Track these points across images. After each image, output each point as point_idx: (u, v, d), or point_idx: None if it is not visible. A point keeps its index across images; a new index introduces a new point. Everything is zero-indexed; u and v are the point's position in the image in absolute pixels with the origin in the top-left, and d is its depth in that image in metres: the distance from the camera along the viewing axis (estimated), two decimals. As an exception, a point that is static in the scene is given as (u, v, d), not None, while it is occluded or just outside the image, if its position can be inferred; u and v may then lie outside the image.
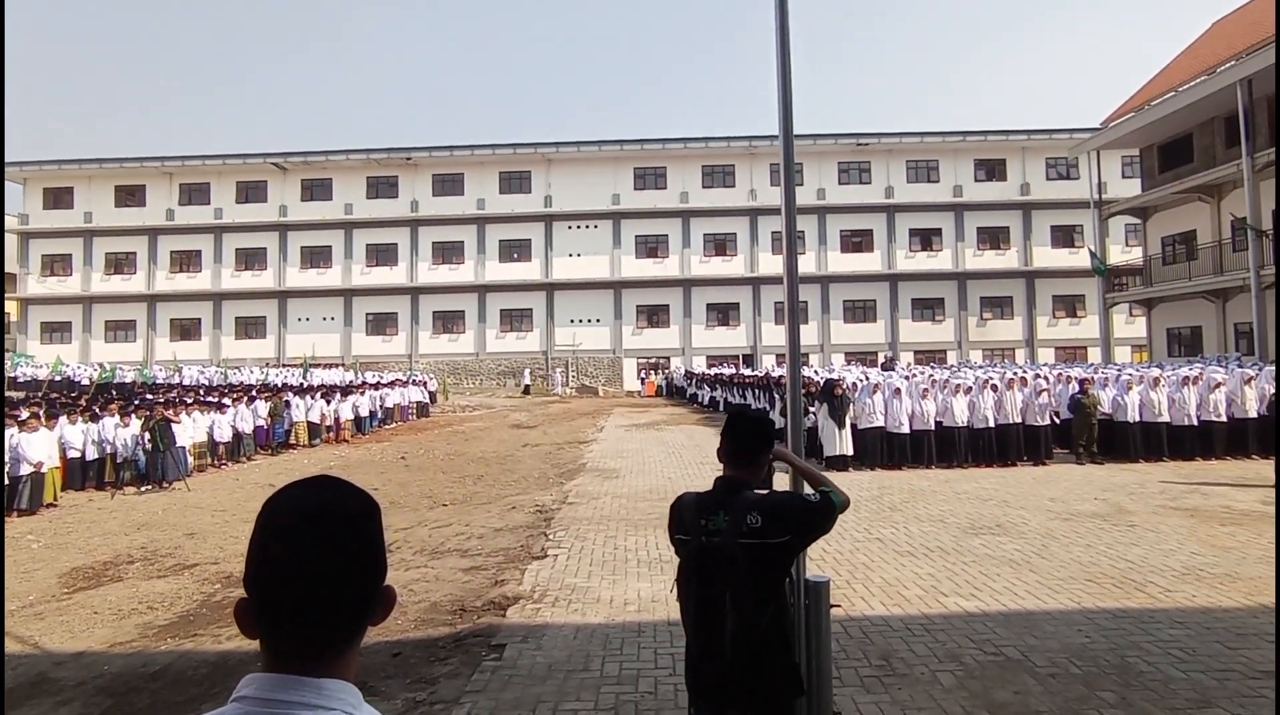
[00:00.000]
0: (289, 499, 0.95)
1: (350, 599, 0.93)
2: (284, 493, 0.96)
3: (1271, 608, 5.32)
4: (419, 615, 5.73)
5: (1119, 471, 11.70)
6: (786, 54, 3.84)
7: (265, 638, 0.92)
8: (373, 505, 0.99)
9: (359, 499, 0.98)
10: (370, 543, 0.96)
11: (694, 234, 42.44)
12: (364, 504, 0.98)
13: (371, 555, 0.96)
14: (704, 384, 29.43)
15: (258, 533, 0.93)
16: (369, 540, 0.96)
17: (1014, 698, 4.02)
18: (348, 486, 0.99)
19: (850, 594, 5.85)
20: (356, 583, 0.94)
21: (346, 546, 0.93)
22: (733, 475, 2.32)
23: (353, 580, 0.93)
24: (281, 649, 0.91)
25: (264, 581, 0.91)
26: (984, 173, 42.83)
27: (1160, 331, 31.35)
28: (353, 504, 0.97)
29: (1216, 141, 27.11)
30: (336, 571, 0.91)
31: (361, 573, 0.94)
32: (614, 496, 10.38)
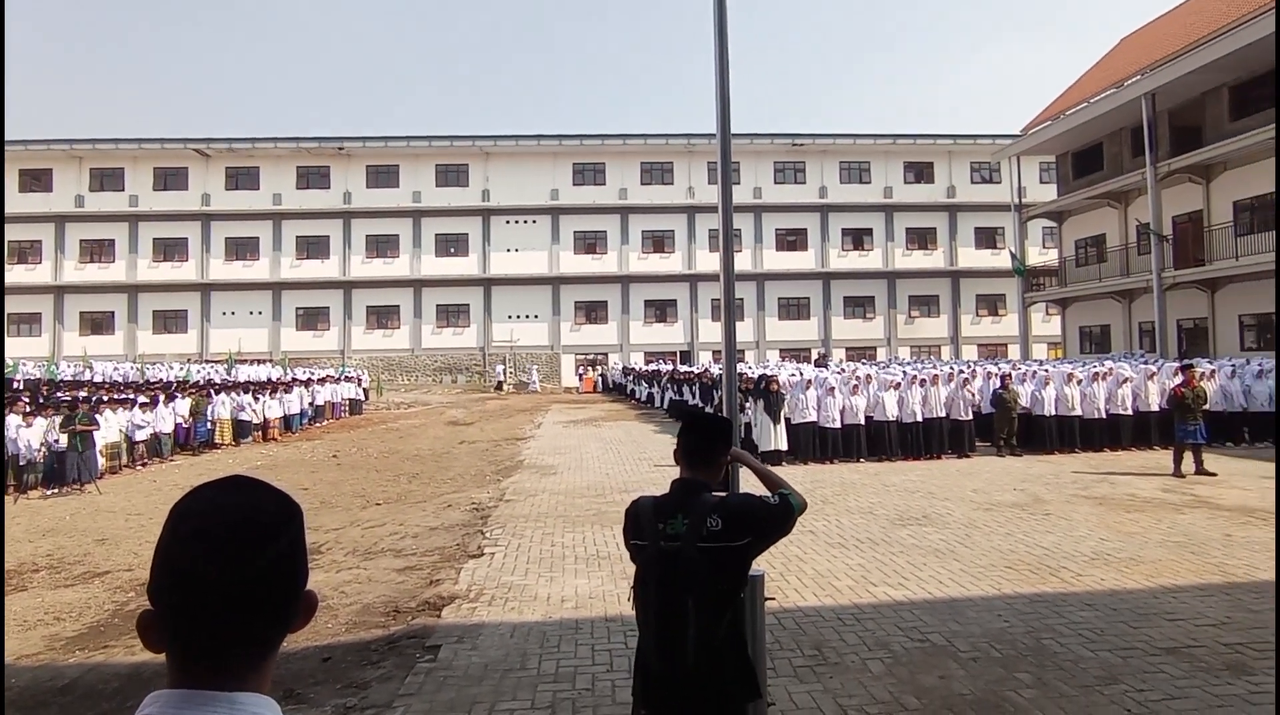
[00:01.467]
0: (199, 501, 0.88)
1: (266, 608, 0.86)
2: (194, 495, 0.89)
3: (1172, 588, 5.68)
4: (350, 618, 5.58)
5: (1036, 463, 12.29)
6: (725, 53, 3.89)
7: (172, 651, 0.86)
8: (292, 507, 0.92)
9: (277, 500, 0.91)
10: (289, 547, 0.89)
11: (632, 230, 42.54)
12: (282, 505, 0.91)
13: (290, 560, 0.89)
14: (641, 380, 29.54)
15: (164, 538, 0.86)
16: (288, 544, 0.89)
17: (939, 682, 4.18)
18: (264, 487, 0.92)
19: (784, 586, 5.98)
20: (273, 590, 0.87)
21: (262, 552, 0.86)
22: (691, 477, 2.29)
23: (269, 588, 0.86)
24: (190, 663, 0.85)
25: (171, 591, 0.84)
26: (913, 175, 44.28)
27: (1073, 329, 33.06)
28: (270, 505, 0.90)
29: (1124, 151, 28.71)
30: (251, 579, 0.84)
31: (279, 579, 0.88)
32: (551, 493, 10.33)
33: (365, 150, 41.63)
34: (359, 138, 41.40)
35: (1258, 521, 7.78)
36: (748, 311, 42.10)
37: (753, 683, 2.21)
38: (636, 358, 40.18)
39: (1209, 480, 10.20)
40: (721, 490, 2.36)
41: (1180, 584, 5.79)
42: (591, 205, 42.34)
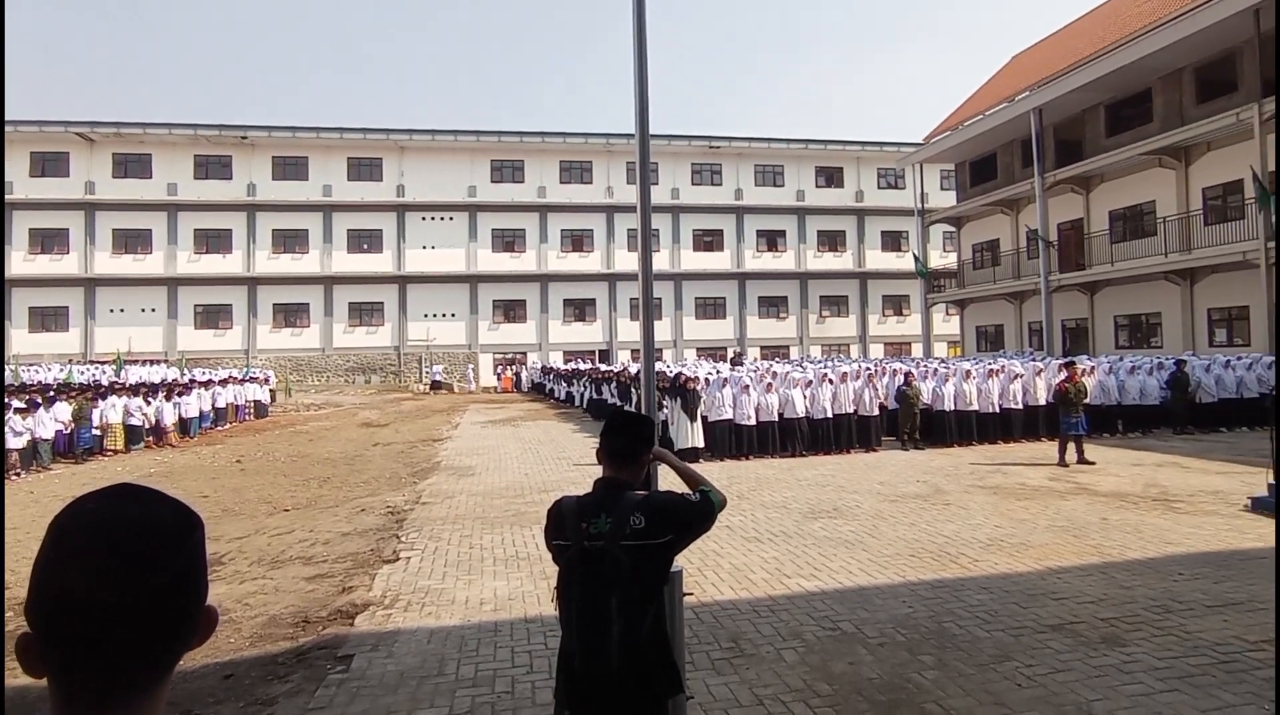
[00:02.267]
0: (83, 514, 0.80)
1: (161, 629, 0.79)
2: (76, 506, 0.81)
3: (1057, 569, 6.12)
4: (255, 631, 5.34)
5: (937, 456, 12.95)
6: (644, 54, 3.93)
7: (55, 678, 0.78)
8: (189, 517, 0.85)
9: (172, 510, 0.84)
10: (188, 562, 0.82)
11: (551, 229, 42.28)
12: (178, 516, 0.84)
13: (186, 575, 0.82)
14: (560, 379, 29.41)
15: (43, 554, 0.78)
16: (184, 558, 0.82)
17: (849, 668, 4.36)
18: (156, 496, 0.84)
19: (702, 581, 6.09)
20: (169, 610, 0.80)
21: (157, 569, 0.78)
22: (613, 476, 2.30)
23: (165, 608, 0.79)
24: (75, 690, 0.78)
25: (51, 613, 0.77)
26: (824, 180, 45.83)
27: (971, 329, 34.99)
28: (163, 516, 0.82)
29: (1015, 161, 30.59)
30: (144, 600, 0.77)
31: (176, 598, 0.80)
32: (470, 494, 10.16)
33: (271, 140, 39.66)
34: (264, 127, 39.40)
35: (1130, 505, 8.46)
36: (666, 311, 42.57)
37: (676, 678, 2.24)
38: (555, 357, 39.97)
39: (1089, 468, 11.01)
40: (643, 488, 2.38)
41: (1064, 565, 6.24)
42: (510, 203, 41.81)
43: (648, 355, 3.88)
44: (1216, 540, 6.89)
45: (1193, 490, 9.22)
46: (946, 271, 37.47)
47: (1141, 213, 24.98)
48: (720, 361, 31.61)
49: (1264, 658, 4.30)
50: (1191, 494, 8.99)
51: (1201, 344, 22.46)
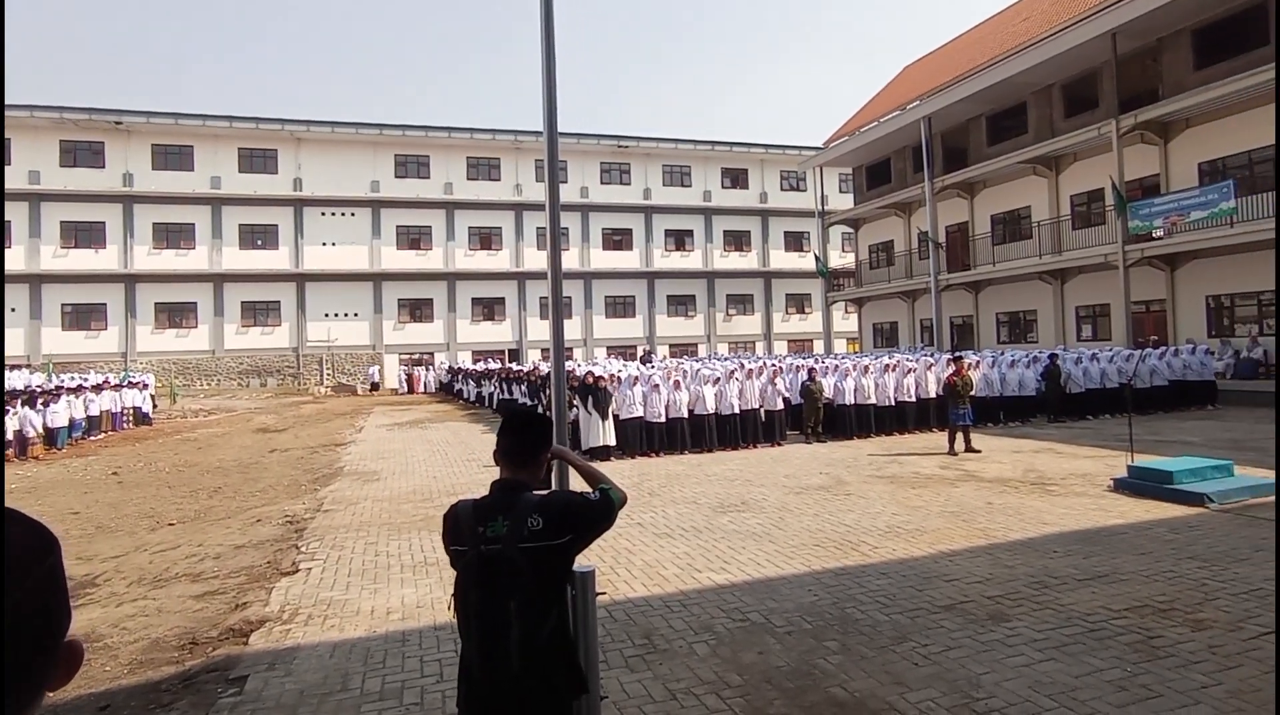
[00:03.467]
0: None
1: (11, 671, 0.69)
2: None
3: (948, 552, 6.49)
4: (134, 657, 4.96)
5: (839, 448, 13.48)
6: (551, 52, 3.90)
7: None
8: (44, 538, 0.75)
9: (24, 530, 0.73)
10: (39, 588, 0.72)
11: (459, 226, 41.34)
12: (30, 536, 0.73)
13: (43, 607, 0.72)
14: (469, 379, 28.84)
15: None
16: (37, 585, 0.72)
17: (758, 658, 4.48)
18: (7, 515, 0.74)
19: (614, 579, 6.12)
20: (18, 645, 0.69)
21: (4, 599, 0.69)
22: (511, 477, 2.26)
23: (14, 645, 0.69)
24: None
25: None
26: (729, 181, 46.88)
27: (868, 326, 36.62)
28: (12, 538, 0.72)
29: (907, 166, 32.21)
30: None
31: (28, 633, 0.70)
32: (375, 500, 9.82)
33: (150, 127, 36.85)
34: (141, 112, 36.54)
35: (1011, 490, 9.08)
36: (576, 309, 42.48)
37: (579, 679, 2.23)
38: (464, 357, 39.15)
39: (975, 456, 11.74)
40: (545, 488, 2.36)
41: (955, 549, 6.63)
42: (415, 199, 40.57)
43: (558, 354, 3.86)
44: (1086, 519, 7.48)
45: (1065, 474, 9.98)
46: (846, 271, 39.09)
47: (1019, 217, 26.87)
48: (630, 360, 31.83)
49: (1126, 624, 4.71)
50: (1064, 477, 9.73)
51: (1071, 339, 24.39)
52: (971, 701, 3.81)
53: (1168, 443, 11.82)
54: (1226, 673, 4.01)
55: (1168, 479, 8.24)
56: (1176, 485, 8.12)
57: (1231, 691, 3.80)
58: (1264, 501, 7.86)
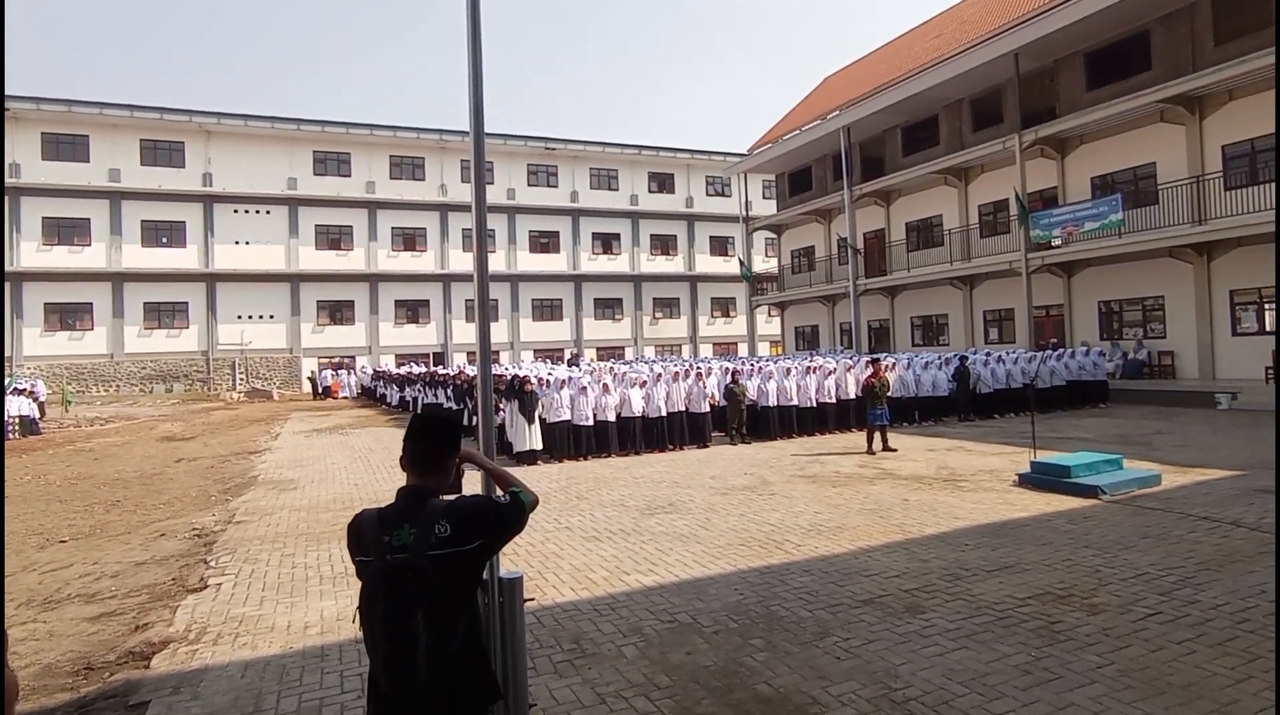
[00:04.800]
0: None
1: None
2: None
3: (868, 548, 6.71)
4: (25, 684, 4.60)
5: (763, 449, 13.77)
6: (478, 51, 3.84)
7: None
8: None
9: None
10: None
11: (381, 226, 40.22)
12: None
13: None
14: (392, 383, 28.07)
15: None
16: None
17: (686, 658, 4.53)
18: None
19: (543, 584, 6.07)
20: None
21: None
22: (417, 483, 2.20)
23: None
24: None
25: None
26: (656, 185, 47.29)
27: (790, 329, 37.55)
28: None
29: (828, 174, 33.22)
30: None
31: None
32: (292, 510, 9.43)
33: (40, 114, 34.36)
34: (30, 98, 34.03)
35: (926, 486, 9.47)
36: (502, 312, 42.00)
37: (492, 687, 2.19)
38: (387, 360, 38.08)
39: (892, 455, 12.20)
40: (455, 493, 2.30)
41: (874, 544, 6.87)
42: (335, 198, 39.22)
43: (484, 357, 3.80)
44: (994, 513, 7.88)
45: (975, 470, 10.48)
46: (769, 275, 39.98)
47: (931, 225, 28.11)
48: (558, 363, 31.66)
49: (1030, 611, 4.98)
50: (974, 473, 10.22)
51: (979, 341, 25.66)
52: (890, 692, 3.96)
53: (1065, 439, 12.57)
54: (1118, 653, 4.30)
55: (1066, 473, 8.77)
56: (1073, 479, 8.65)
57: (1122, 670, 4.08)
58: (1149, 492, 8.47)
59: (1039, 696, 3.83)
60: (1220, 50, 18.60)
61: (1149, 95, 19.14)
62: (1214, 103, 18.90)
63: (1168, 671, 4.04)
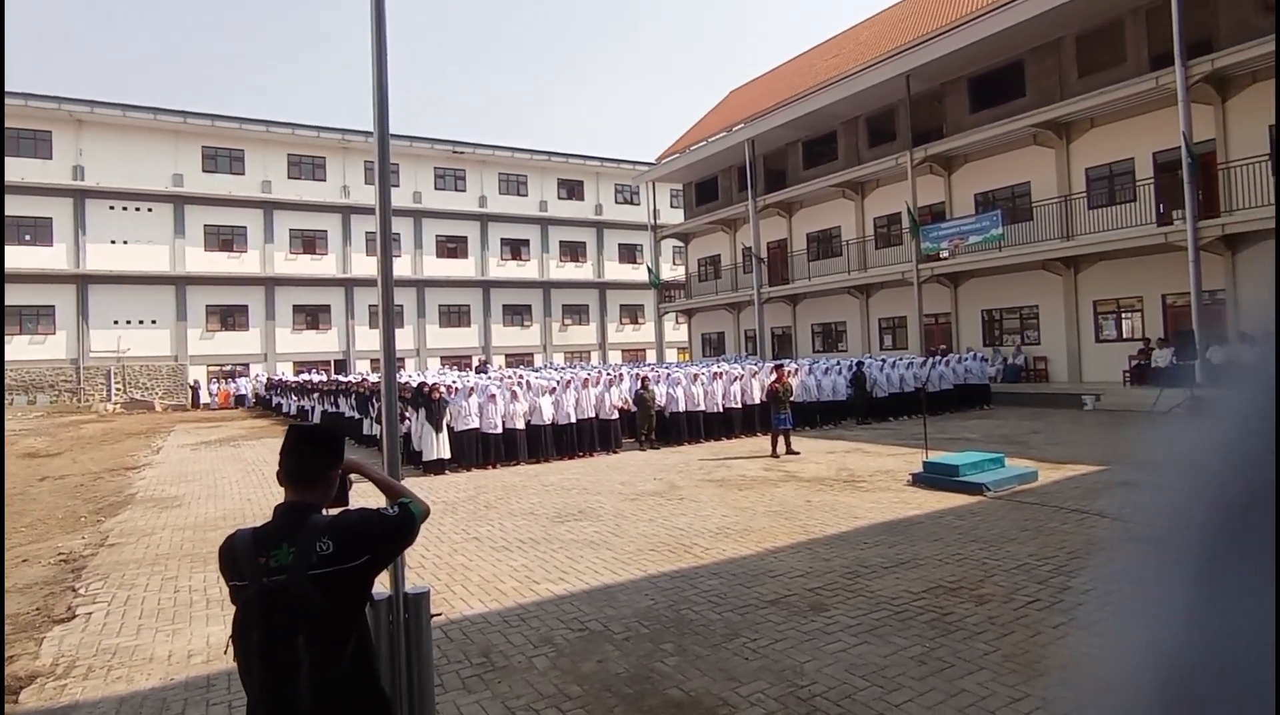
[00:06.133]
0: None
1: None
2: None
3: (773, 550, 6.90)
4: None
5: (671, 454, 13.93)
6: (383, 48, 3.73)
7: None
8: None
9: None
10: None
11: (278, 227, 38.18)
12: None
13: None
14: (290, 392, 26.73)
15: None
16: None
17: (598, 666, 4.52)
18: None
19: (450, 597, 5.92)
20: None
21: None
22: (297, 499, 2.09)
23: None
24: None
25: None
26: (565, 192, 47.17)
27: (698, 336, 38.20)
28: None
29: (733, 185, 34.06)
30: None
31: None
32: (175, 529, 8.81)
33: None
34: None
35: (827, 488, 9.84)
36: (408, 318, 40.73)
37: (384, 707, 2.12)
38: (285, 368, 36.21)
39: (795, 458, 12.60)
40: (341, 506, 2.20)
41: (779, 546, 7.07)
42: (227, 197, 36.88)
43: (389, 365, 3.68)
44: (890, 511, 8.27)
45: (872, 471, 10.97)
46: (676, 283, 40.57)
47: (830, 236, 29.29)
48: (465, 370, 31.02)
49: (924, 605, 5.25)
50: (871, 474, 10.69)
51: (875, 348, 26.91)
52: (796, 689, 4.08)
53: (954, 439, 13.34)
54: (1002, 639, 4.59)
55: (954, 472, 9.31)
56: (961, 477, 9.19)
57: (1007, 656, 4.36)
58: (1028, 488, 9.10)
59: (933, 685, 4.04)
60: (1083, 81, 20.32)
61: (1023, 120, 20.66)
62: (1079, 129, 20.60)
63: (1046, 655, 4.35)
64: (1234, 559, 0.23)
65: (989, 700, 3.84)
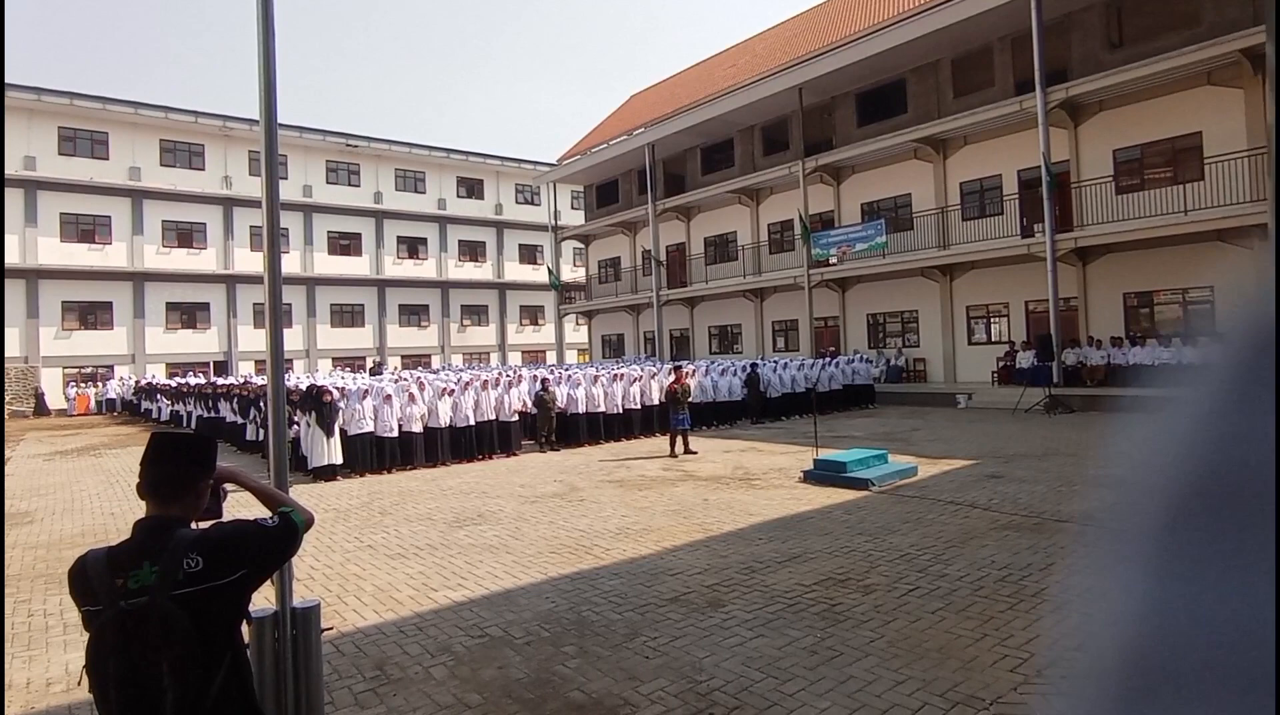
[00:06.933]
0: None
1: None
2: None
3: (672, 548, 7.02)
4: None
5: (571, 455, 13.92)
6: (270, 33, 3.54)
7: None
8: None
9: None
10: None
11: (149, 218, 35.16)
12: None
13: None
14: (162, 396, 24.83)
15: None
16: None
17: (498, 672, 4.46)
18: None
19: (342, 609, 5.68)
20: None
21: None
22: (160, 514, 1.92)
23: None
24: None
25: None
26: (465, 190, 46.14)
27: (598, 337, 38.32)
28: None
29: (633, 188, 34.38)
30: None
31: None
32: (26, 548, 8.02)
33: None
34: None
35: (724, 486, 10.10)
36: (297, 318, 38.64)
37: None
38: (157, 370, 33.54)
39: (693, 458, 12.87)
40: (213, 518, 2.06)
41: (678, 544, 7.20)
42: (88, 183, 33.59)
43: (276, 366, 3.51)
44: (783, 508, 8.59)
45: (766, 469, 11.35)
46: (577, 284, 40.51)
47: (727, 241, 30.08)
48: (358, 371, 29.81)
49: (815, 596, 5.49)
50: (765, 472, 11.06)
51: (768, 350, 27.84)
52: (695, 685, 4.18)
53: (842, 437, 14.00)
54: (886, 626, 4.87)
55: (842, 469, 9.78)
56: (849, 473, 9.67)
57: (891, 642, 4.63)
58: (909, 482, 9.67)
59: (825, 674, 4.23)
60: (958, 102, 21.83)
61: (905, 135, 21.97)
62: (954, 145, 22.10)
63: (925, 639, 4.65)
64: (1187, 539, 0.25)
65: (875, 685, 4.07)
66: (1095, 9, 19.09)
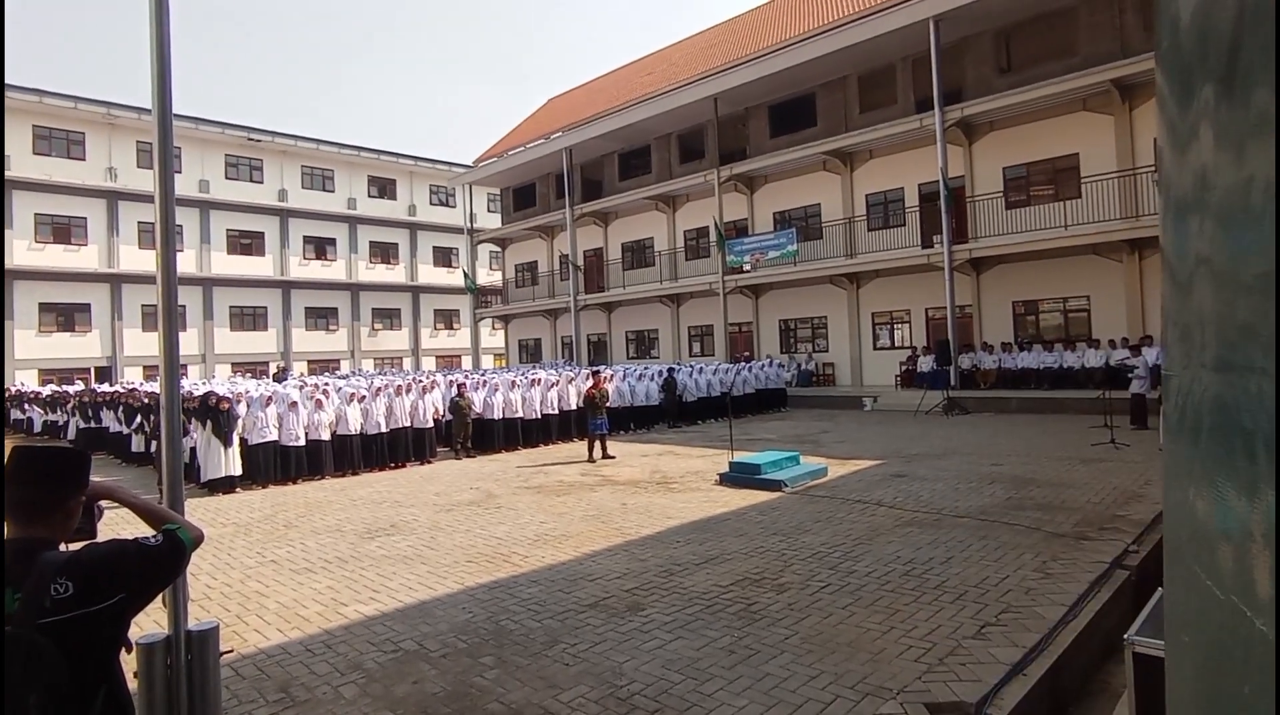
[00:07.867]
0: None
1: None
2: None
3: (591, 554, 7.00)
4: None
5: (488, 462, 13.68)
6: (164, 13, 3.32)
7: None
8: None
9: None
10: None
11: (20, 212, 32.27)
12: None
13: None
14: (37, 405, 22.87)
15: None
16: None
17: (413, 688, 4.32)
18: None
19: (243, 630, 5.38)
20: None
21: None
22: (25, 535, 1.76)
23: None
24: None
25: None
26: (376, 190, 44.68)
27: (515, 342, 37.89)
28: None
29: (551, 192, 34.21)
30: None
31: None
32: None
33: None
34: None
35: (642, 490, 10.16)
36: (192, 320, 36.38)
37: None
38: (29, 376, 30.88)
39: (611, 462, 12.88)
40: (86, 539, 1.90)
41: (597, 549, 7.19)
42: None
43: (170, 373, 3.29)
44: (700, 510, 8.71)
45: (683, 472, 11.48)
46: (493, 288, 39.92)
47: (644, 247, 30.33)
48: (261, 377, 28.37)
49: (732, 597, 5.59)
50: (683, 476, 11.19)
51: (685, 355, 28.21)
52: (616, 690, 4.17)
53: (756, 440, 14.32)
54: (800, 623, 5.01)
55: (756, 471, 10.01)
56: (763, 475, 9.90)
57: (804, 638, 4.76)
58: (819, 482, 9.99)
59: (742, 673, 4.31)
60: (864, 117, 22.80)
61: (814, 147, 22.77)
62: (860, 158, 23.06)
63: (836, 634, 4.81)
64: None
65: (790, 680, 4.18)
66: (987, 35, 20.36)
